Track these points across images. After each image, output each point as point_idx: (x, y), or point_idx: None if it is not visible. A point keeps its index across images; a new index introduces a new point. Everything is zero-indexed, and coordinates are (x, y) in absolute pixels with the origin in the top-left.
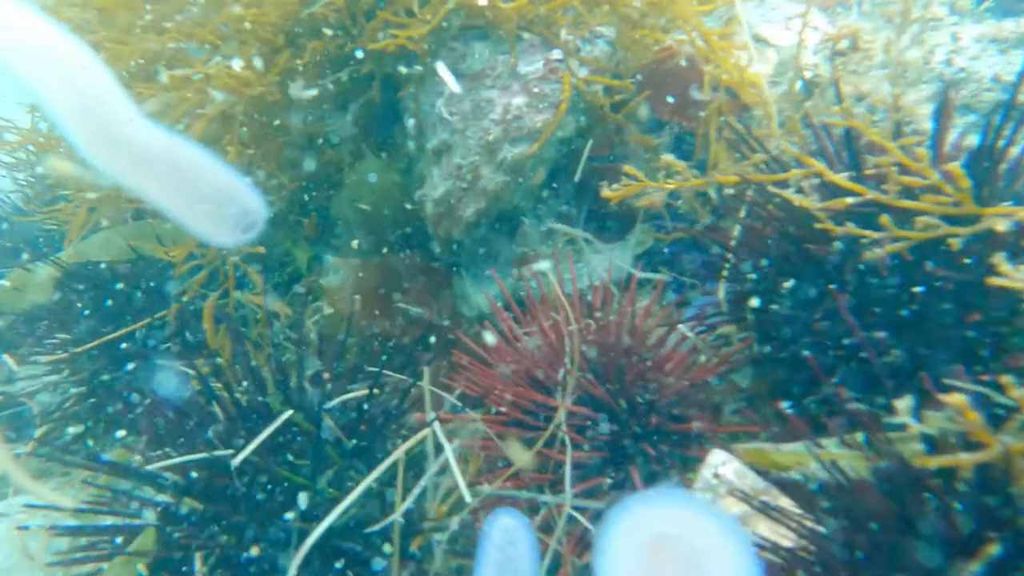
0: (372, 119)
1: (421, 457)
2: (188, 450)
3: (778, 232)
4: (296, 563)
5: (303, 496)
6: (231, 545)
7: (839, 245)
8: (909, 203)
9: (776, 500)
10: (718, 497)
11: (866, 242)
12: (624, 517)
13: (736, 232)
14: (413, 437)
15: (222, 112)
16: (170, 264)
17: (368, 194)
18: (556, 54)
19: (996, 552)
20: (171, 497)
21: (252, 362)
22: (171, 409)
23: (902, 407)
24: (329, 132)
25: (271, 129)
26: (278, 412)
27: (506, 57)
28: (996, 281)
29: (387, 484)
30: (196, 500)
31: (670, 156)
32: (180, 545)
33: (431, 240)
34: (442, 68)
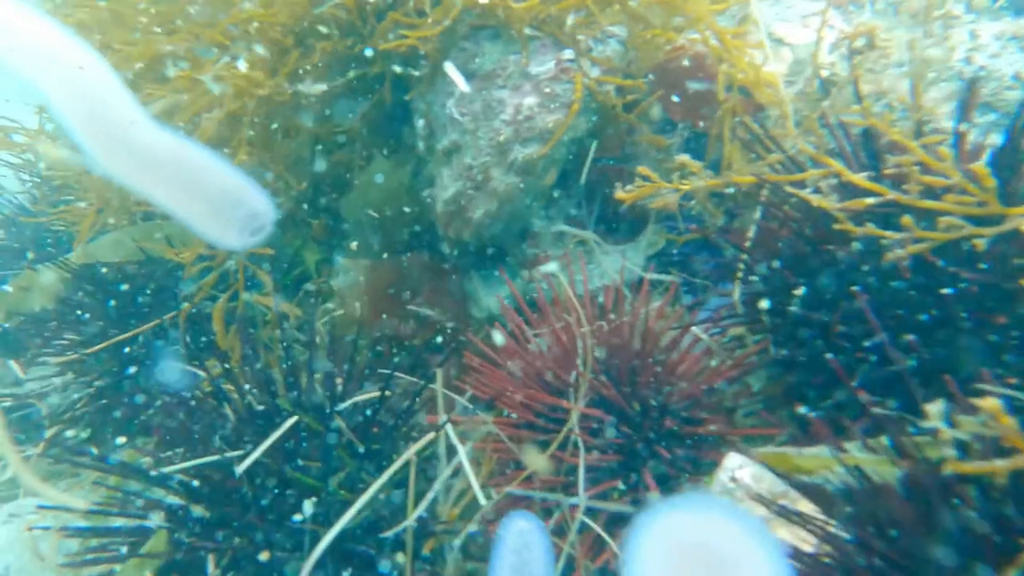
0: (382, 120)
1: (433, 459)
2: (199, 452)
3: (795, 233)
4: (309, 566)
5: (312, 499)
6: (244, 547)
7: (857, 246)
8: (932, 203)
9: (795, 504)
10: (736, 501)
11: (887, 243)
12: (653, 523)
13: (751, 233)
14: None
15: (231, 113)
16: (179, 265)
17: (378, 195)
18: (568, 54)
19: None
20: (183, 499)
21: (262, 363)
22: (182, 410)
23: (934, 411)
24: (338, 133)
25: (280, 130)
26: (289, 414)
27: (517, 57)
28: None
29: (398, 486)
30: (207, 502)
31: (686, 156)
32: (192, 547)
33: (441, 241)
34: (451, 68)
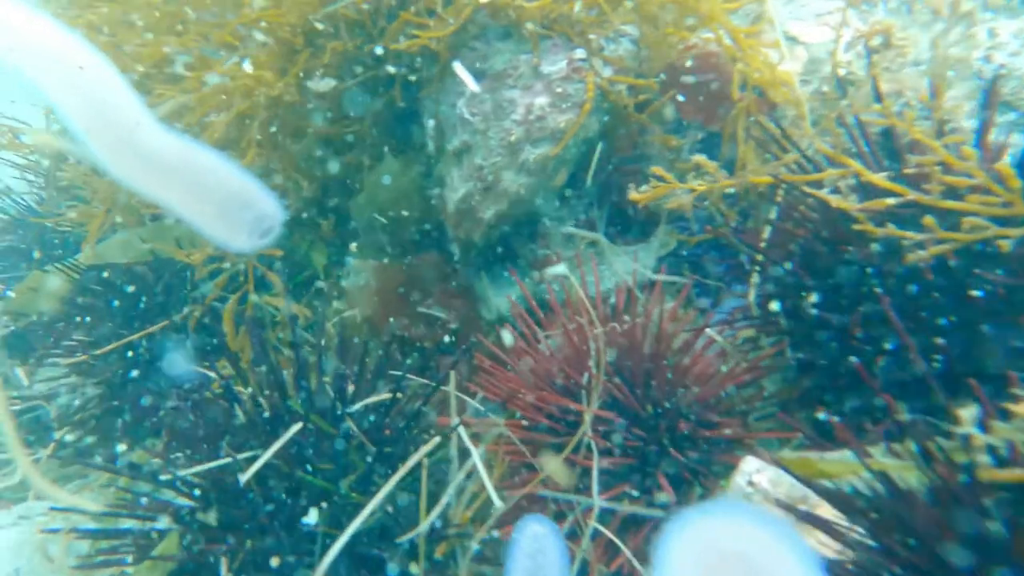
0: (391, 120)
1: (443, 461)
2: (209, 454)
3: (812, 234)
4: (323, 569)
5: (320, 504)
6: (255, 550)
7: (877, 247)
8: (955, 204)
9: (814, 509)
10: (754, 505)
11: (908, 244)
12: (684, 529)
13: (765, 234)
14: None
15: (240, 113)
16: (187, 266)
17: (387, 196)
18: (579, 53)
19: None
20: (195, 501)
21: (273, 364)
22: (192, 412)
23: (966, 416)
24: (347, 133)
25: (289, 130)
26: (300, 415)
27: (528, 56)
28: None
29: (408, 489)
30: (218, 505)
31: (702, 156)
32: (204, 550)
33: (450, 242)
34: (459, 68)
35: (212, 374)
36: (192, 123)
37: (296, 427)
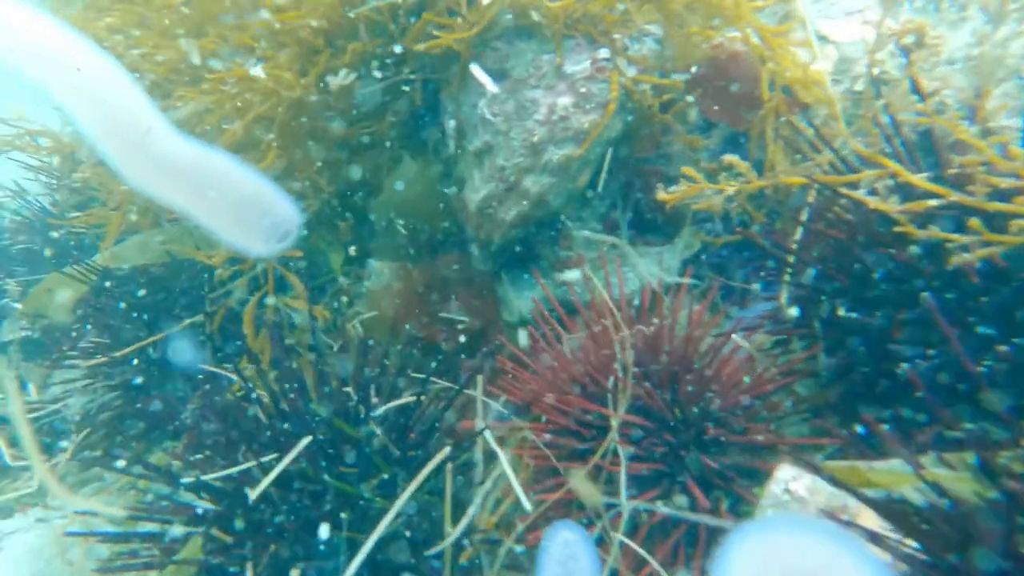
0: (411, 121)
1: (467, 465)
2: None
3: (847, 236)
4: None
5: (348, 504)
6: (279, 554)
7: (916, 250)
8: (1003, 206)
9: (855, 519)
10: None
11: (952, 247)
12: (746, 544)
13: (796, 235)
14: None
15: (259, 115)
16: (205, 267)
17: (407, 197)
18: (603, 53)
19: None
20: (218, 506)
21: (294, 366)
22: (213, 415)
23: None
24: (365, 134)
25: (308, 132)
26: (321, 419)
27: (551, 56)
28: None
29: (433, 493)
30: (242, 509)
31: (734, 157)
32: (228, 554)
33: (470, 243)
34: (477, 70)
35: (233, 376)
36: (211, 126)
37: (304, 441)
